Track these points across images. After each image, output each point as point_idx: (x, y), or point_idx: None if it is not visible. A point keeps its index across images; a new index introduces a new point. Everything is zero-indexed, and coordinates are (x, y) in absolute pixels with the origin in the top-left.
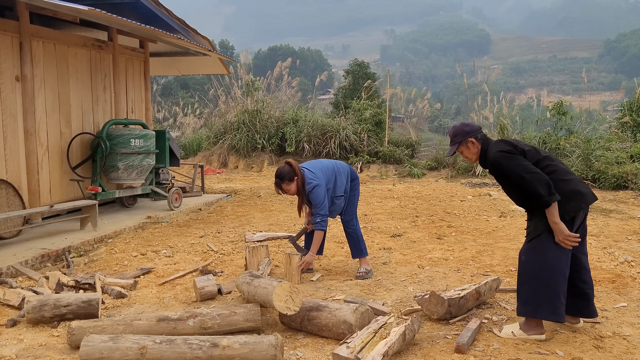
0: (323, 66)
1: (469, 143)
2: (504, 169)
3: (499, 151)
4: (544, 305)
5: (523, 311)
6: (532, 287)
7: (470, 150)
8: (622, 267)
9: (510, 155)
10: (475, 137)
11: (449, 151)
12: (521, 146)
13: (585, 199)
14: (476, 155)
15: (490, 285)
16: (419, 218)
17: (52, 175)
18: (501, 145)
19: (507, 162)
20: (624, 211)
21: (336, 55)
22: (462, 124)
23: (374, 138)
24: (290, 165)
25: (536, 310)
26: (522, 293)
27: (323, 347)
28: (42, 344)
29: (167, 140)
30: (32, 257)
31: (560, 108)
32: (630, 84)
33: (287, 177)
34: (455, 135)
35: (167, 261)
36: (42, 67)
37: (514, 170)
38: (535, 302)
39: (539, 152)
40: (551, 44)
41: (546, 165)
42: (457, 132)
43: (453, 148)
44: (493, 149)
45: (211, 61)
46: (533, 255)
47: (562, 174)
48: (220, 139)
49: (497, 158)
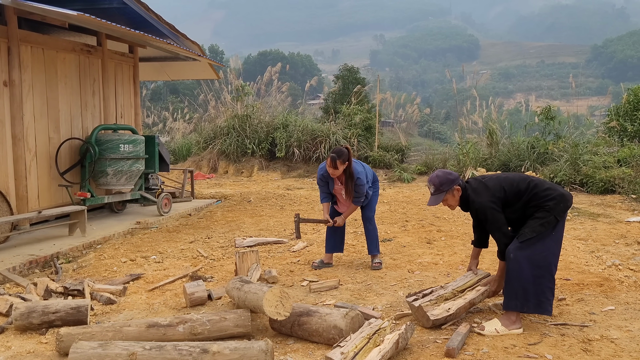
0: (313, 71)
1: (454, 191)
2: (488, 218)
3: (490, 201)
4: (531, 299)
5: (511, 305)
6: (520, 283)
7: (454, 198)
8: (609, 271)
9: (496, 210)
10: (459, 184)
11: (434, 200)
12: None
13: (569, 200)
14: (459, 202)
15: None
16: (409, 223)
17: (40, 181)
18: (487, 194)
19: (492, 216)
20: (611, 215)
21: (326, 60)
22: (445, 173)
23: (364, 143)
24: (348, 150)
25: (523, 305)
26: (510, 289)
27: (314, 352)
28: (31, 351)
29: (157, 145)
30: (20, 264)
31: (549, 113)
32: (617, 89)
33: (343, 157)
34: (442, 184)
35: (157, 267)
36: (31, 72)
37: (493, 224)
38: (523, 297)
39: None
40: (539, 50)
41: (527, 185)
42: (444, 182)
43: (440, 197)
44: (481, 197)
45: (201, 66)
46: (520, 252)
47: (543, 185)
48: (210, 144)
49: (486, 209)
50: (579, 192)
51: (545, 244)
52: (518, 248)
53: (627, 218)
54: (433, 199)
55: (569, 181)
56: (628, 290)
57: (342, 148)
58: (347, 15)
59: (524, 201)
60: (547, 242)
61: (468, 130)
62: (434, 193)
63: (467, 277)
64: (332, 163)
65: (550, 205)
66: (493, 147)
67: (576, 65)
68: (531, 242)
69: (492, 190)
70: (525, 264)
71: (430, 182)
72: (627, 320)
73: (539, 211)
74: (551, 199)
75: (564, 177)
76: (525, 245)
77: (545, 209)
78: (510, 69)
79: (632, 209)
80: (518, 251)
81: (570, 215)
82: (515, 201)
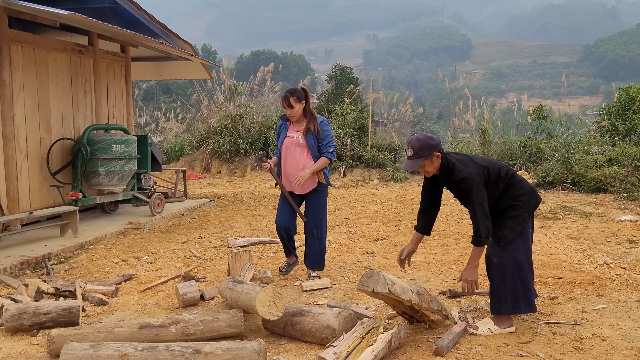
0: (306, 71)
1: (434, 157)
2: (465, 191)
3: (477, 174)
4: (522, 300)
5: (503, 309)
6: (509, 286)
7: (433, 165)
8: (601, 269)
9: (480, 183)
10: (439, 151)
11: (411, 165)
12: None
13: (539, 196)
14: (437, 169)
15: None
16: (402, 222)
17: (31, 182)
18: (474, 167)
19: (478, 190)
20: (603, 214)
21: (319, 60)
22: (426, 137)
23: (357, 142)
24: (303, 89)
25: (515, 307)
26: (499, 293)
27: (306, 352)
28: (21, 353)
29: (149, 145)
30: (11, 265)
31: (541, 112)
32: (609, 89)
33: (297, 94)
34: (421, 148)
35: (149, 267)
36: (21, 72)
37: (477, 199)
38: (513, 300)
39: (494, 165)
40: (531, 49)
41: (506, 172)
42: (424, 146)
43: (418, 162)
44: (469, 168)
45: (193, 66)
46: (504, 254)
47: (516, 176)
48: (202, 144)
49: (473, 181)
50: (571, 191)
51: (523, 242)
52: (501, 251)
53: (619, 217)
54: (410, 163)
55: (561, 180)
56: (620, 288)
57: (294, 87)
58: (340, 15)
59: (501, 190)
60: (525, 239)
61: (461, 130)
62: (412, 157)
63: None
64: (286, 101)
65: (524, 201)
66: (485, 147)
67: (568, 65)
68: (511, 243)
69: (478, 165)
70: (511, 266)
71: (409, 144)
72: (618, 318)
73: (513, 209)
74: (524, 194)
75: (556, 176)
76: (507, 247)
77: (519, 205)
78: (503, 68)
79: (623, 208)
80: (501, 254)
81: (562, 214)
82: (494, 186)
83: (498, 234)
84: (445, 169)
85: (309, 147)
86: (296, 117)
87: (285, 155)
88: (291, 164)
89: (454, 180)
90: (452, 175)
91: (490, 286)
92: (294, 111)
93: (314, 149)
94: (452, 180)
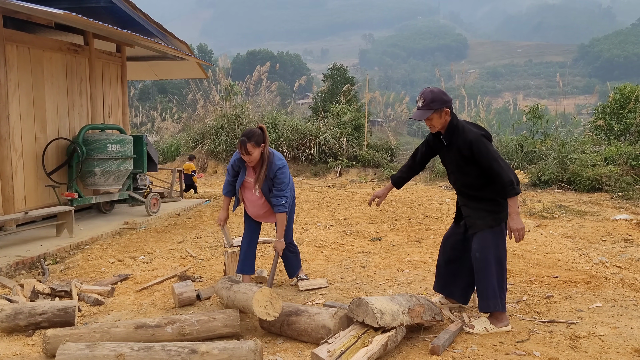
0: (302, 70)
1: (443, 112)
2: (482, 150)
3: (481, 134)
4: (504, 297)
5: (489, 306)
6: (492, 282)
7: (441, 120)
8: (596, 268)
9: (489, 141)
10: (450, 108)
11: (420, 115)
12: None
13: None
14: (444, 126)
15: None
16: (398, 221)
17: (26, 181)
18: (479, 129)
19: (486, 146)
20: (598, 213)
21: (315, 59)
22: (440, 91)
23: (353, 142)
24: (261, 129)
25: (498, 304)
26: (484, 289)
27: (302, 351)
28: (17, 353)
29: (145, 145)
30: (7, 265)
31: (536, 112)
32: (604, 88)
33: (255, 139)
34: (433, 100)
35: (145, 267)
36: (17, 72)
37: (491, 154)
38: (498, 296)
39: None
40: (527, 49)
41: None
42: (436, 99)
43: (427, 113)
44: (474, 129)
45: (189, 65)
46: (488, 250)
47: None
48: (198, 144)
49: (479, 139)
50: (567, 190)
51: (503, 240)
52: (484, 248)
53: (614, 216)
54: (419, 113)
55: (557, 179)
56: (615, 287)
57: (252, 129)
58: (336, 14)
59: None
60: (504, 237)
61: None
62: (422, 107)
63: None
64: (243, 148)
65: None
66: None
67: (563, 65)
68: (494, 239)
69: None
70: (493, 263)
71: (421, 95)
72: (613, 317)
73: (494, 203)
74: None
75: (552, 175)
76: (491, 243)
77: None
78: (498, 68)
79: (618, 207)
80: (485, 251)
81: (558, 213)
82: None
83: (470, 220)
84: (453, 128)
85: (265, 197)
86: (254, 162)
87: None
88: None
89: (464, 140)
90: (462, 135)
91: (476, 282)
92: (252, 157)
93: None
94: (460, 140)
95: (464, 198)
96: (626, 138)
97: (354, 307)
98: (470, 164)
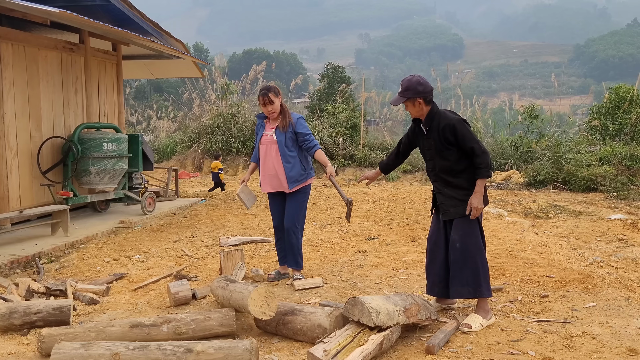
0: (298, 70)
1: (416, 102)
2: (458, 134)
3: (459, 119)
4: (483, 284)
5: (464, 292)
6: (472, 269)
7: (415, 108)
8: (591, 268)
9: (466, 124)
10: (424, 99)
11: (395, 100)
12: None
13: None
14: (419, 114)
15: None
16: (394, 221)
17: (21, 180)
18: (456, 114)
19: (463, 129)
20: (593, 213)
21: (311, 58)
22: (417, 82)
23: (349, 141)
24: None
25: (476, 290)
26: (461, 276)
27: (298, 350)
28: (12, 352)
29: (140, 144)
30: (1, 264)
31: (532, 112)
32: (599, 88)
33: (274, 90)
34: (407, 89)
35: (141, 266)
36: (12, 70)
37: (469, 137)
38: (474, 283)
39: None
40: (523, 49)
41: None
42: (410, 88)
43: (400, 100)
44: (449, 114)
45: (185, 64)
46: (468, 239)
47: None
48: (194, 143)
49: (456, 123)
50: (562, 190)
51: (480, 227)
52: (463, 236)
53: (609, 215)
54: (394, 98)
55: (552, 179)
56: (609, 286)
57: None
58: (332, 13)
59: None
60: (480, 227)
61: None
62: (398, 94)
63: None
64: (265, 98)
65: None
66: None
67: (559, 65)
68: (471, 228)
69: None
70: (473, 250)
71: (402, 81)
72: (608, 316)
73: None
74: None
75: (547, 175)
76: (469, 232)
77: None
78: (494, 68)
79: (613, 207)
80: (465, 239)
81: (553, 213)
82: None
83: (444, 207)
84: (433, 114)
85: (278, 143)
86: (276, 113)
87: (264, 155)
88: (268, 163)
89: (446, 124)
90: (443, 119)
91: (452, 270)
92: (275, 106)
93: (282, 145)
94: (442, 124)
95: (440, 184)
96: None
97: (349, 307)
98: (451, 147)
